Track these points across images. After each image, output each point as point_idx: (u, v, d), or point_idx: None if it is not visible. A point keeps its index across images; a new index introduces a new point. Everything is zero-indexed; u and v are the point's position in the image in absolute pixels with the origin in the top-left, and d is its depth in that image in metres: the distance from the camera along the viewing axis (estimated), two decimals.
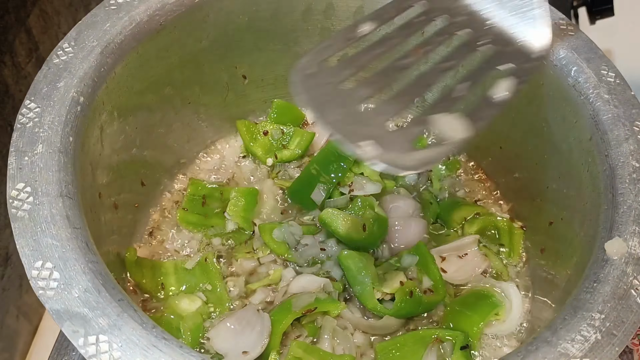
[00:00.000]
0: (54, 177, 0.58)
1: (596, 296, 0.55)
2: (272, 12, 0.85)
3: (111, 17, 0.71)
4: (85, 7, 1.04)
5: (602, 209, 0.63)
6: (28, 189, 0.57)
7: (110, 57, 0.69)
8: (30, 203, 0.56)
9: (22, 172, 0.58)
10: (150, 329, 0.50)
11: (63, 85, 0.64)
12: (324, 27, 0.89)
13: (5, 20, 0.84)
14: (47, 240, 0.54)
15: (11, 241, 0.85)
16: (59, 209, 0.56)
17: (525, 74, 0.60)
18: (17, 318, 0.93)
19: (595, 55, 0.73)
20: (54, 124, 0.62)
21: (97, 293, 0.51)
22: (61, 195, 0.57)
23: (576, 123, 0.71)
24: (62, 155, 0.60)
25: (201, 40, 0.82)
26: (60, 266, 0.52)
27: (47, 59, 0.67)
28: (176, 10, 0.76)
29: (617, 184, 0.63)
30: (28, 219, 0.55)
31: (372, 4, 0.85)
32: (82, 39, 0.69)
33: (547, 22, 0.62)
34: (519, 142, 0.84)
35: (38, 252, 0.53)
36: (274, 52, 0.90)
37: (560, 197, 0.75)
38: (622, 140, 0.66)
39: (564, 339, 0.53)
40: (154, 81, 0.79)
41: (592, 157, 0.67)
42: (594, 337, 0.53)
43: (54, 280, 0.52)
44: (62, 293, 0.51)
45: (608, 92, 0.69)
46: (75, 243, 0.54)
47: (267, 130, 0.93)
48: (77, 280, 0.52)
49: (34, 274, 0.52)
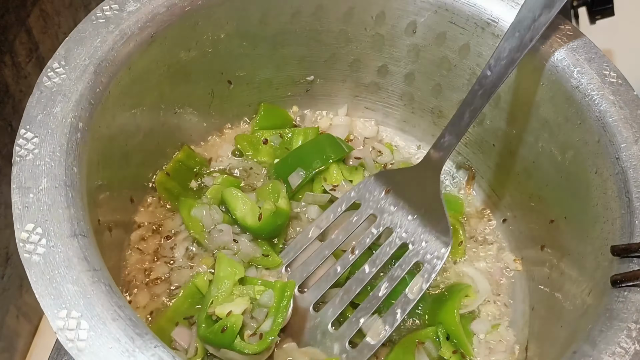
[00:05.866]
0: (64, 215, 0.54)
1: (629, 305, 0.56)
2: (260, 17, 0.82)
3: (100, 31, 0.67)
4: (85, 7, 0.99)
5: (618, 213, 0.64)
6: (39, 230, 0.53)
7: (104, 75, 0.65)
8: (44, 246, 0.52)
9: (29, 212, 0.54)
10: None
11: (59, 111, 0.60)
12: (313, 29, 0.86)
13: (5, 20, 0.81)
14: (68, 286, 0.50)
15: (11, 241, 0.84)
16: (75, 250, 0.52)
17: (431, 274, 0.75)
18: (17, 318, 0.92)
19: (595, 56, 0.73)
20: (56, 154, 0.57)
21: (131, 342, 0.48)
22: (75, 235, 0.53)
23: (581, 124, 0.71)
24: (70, 189, 0.56)
25: (190, 49, 0.78)
26: (87, 315, 0.49)
27: (37, 82, 0.62)
28: (167, 20, 0.72)
29: (631, 187, 0.64)
30: (44, 264, 0.51)
31: (362, 5, 0.83)
32: (73, 57, 0.64)
33: (447, 220, 0.76)
34: (513, 141, 0.84)
35: (60, 300, 0.49)
36: (261, 56, 0.87)
37: (562, 197, 0.76)
38: (631, 143, 0.66)
39: (605, 353, 0.53)
40: (143, 95, 0.75)
41: (602, 160, 0.68)
42: (633, 348, 0.53)
43: (83, 329, 0.48)
44: (94, 344, 0.48)
45: (612, 93, 0.70)
46: (98, 287, 0.51)
47: (267, 139, 0.91)
48: (109, 330, 0.48)
49: (59, 325, 0.48)
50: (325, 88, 0.96)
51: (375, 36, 0.87)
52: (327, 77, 0.94)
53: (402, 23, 0.84)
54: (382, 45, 0.88)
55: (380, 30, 0.86)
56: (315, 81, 0.95)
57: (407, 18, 0.83)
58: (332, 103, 0.98)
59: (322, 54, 0.90)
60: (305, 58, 0.90)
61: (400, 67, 0.90)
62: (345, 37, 0.88)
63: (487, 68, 0.72)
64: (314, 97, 0.97)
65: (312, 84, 0.95)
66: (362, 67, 0.92)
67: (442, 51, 0.85)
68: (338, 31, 0.87)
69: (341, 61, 0.92)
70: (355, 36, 0.88)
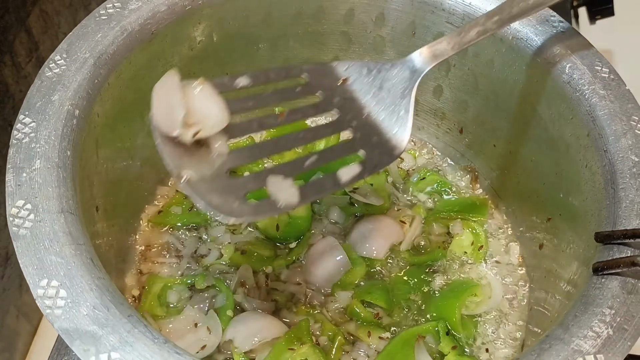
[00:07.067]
0: (53, 193, 0.57)
1: (605, 292, 0.56)
2: (262, 18, 0.84)
3: (102, 27, 0.70)
4: (85, 7, 1.03)
5: (603, 204, 0.64)
6: (28, 206, 0.55)
7: (104, 68, 0.68)
8: (32, 220, 0.55)
9: (21, 189, 0.57)
10: (162, 344, 0.49)
11: (57, 99, 0.63)
12: (314, 30, 0.88)
13: (5, 20, 0.84)
14: (50, 258, 0.53)
15: (11, 241, 0.83)
16: (61, 225, 0.55)
17: (372, 168, 0.63)
18: (17, 318, 0.93)
19: (588, 52, 0.73)
20: (51, 138, 0.60)
21: (105, 310, 0.50)
22: (62, 212, 0.56)
23: (572, 119, 0.71)
24: (61, 170, 0.59)
25: (192, 48, 0.81)
26: (66, 284, 0.51)
27: (39, 72, 0.65)
28: (167, 18, 0.75)
29: (617, 178, 0.63)
30: (30, 236, 0.54)
31: (362, 7, 0.85)
32: (74, 51, 0.68)
33: (407, 127, 0.65)
34: (513, 139, 0.84)
35: (42, 270, 0.52)
36: (264, 57, 0.90)
37: (558, 194, 0.76)
38: (620, 135, 0.66)
39: (577, 336, 0.53)
40: (146, 91, 0.77)
41: (591, 153, 0.68)
42: (606, 332, 0.53)
43: (61, 298, 0.51)
44: (70, 311, 0.50)
45: (603, 88, 0.70)
46: (80, 260, 0.53)
47: None
48: (85, 298, 0.51)
49: (39, 293, 0.51)
50: None
51: (376, 38, 0.89)
52: None
53: (401, 24, 0.86)
54: (383, 47, 0.90)
55: (381, 32, 0.88)
56: None
57: (406, 19, 0.85)
58: None
59: (325, 55, 0.92)
60: (308, 60, 0.92)
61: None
62: (347, 39, 0.90)
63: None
64: None
65: None
66: None
67: None
68: (339, 33, 0.89)
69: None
70: (357, 38, 0.89)
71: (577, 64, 0.72)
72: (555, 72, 0.73)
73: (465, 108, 0.89)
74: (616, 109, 0.68)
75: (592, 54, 0.73)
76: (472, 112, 0.89)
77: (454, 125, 0.93)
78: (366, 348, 0.77)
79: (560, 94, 0.72)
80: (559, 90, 0.73)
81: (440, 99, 0.92)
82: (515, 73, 0.78)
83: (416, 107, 0.94)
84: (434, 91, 0.91)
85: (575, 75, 0.71)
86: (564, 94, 0.72)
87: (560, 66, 0.73)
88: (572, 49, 0.73)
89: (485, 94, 0.85)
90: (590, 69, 0.71)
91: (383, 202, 0.87)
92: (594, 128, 0.68)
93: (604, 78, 0.71)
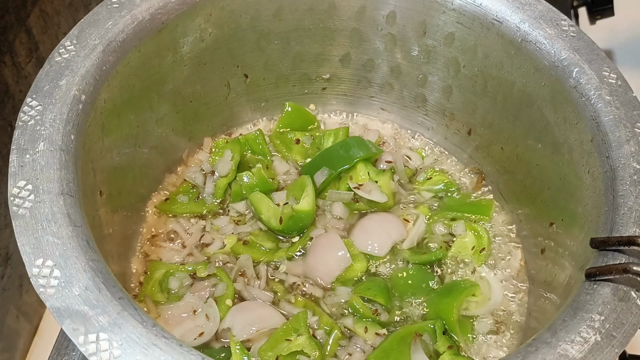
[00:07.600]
0: (55, 175, 0.58)
1: (596, 297, 0.55)
2: (274, 12, 0.85)
3: (113, 15, 0.71)
4: (86, 7, 1.04)
5: (602, 211, 0.63)
6: (29, 186, 0.57)
7: (112, 55, 0.69)
8: (32, 201, 0.56)
9: (23, 170, 0.58)
10: (150, 327, 0.50)
11: (65, 83, 0.65)
12: (326, 26, 0.89)
13: (5, 20, 0.84)
14: (47, 238, 0.54)
15: (11, 241, 0.85)
16: (60, 207, 0.56)
17: None
18: (17, 318, 0.93)
19: (596, 57, 0.73)
20: (56, 122, 0.62)
21: (97, 291, 0.51)
22: (62, 194, 0.57)
23: (577, 124, 0.71)
24: (64, 153, 0.60)
25: (203, 39, 0.82)
26: (60, 264, 0.52)
27: (49, 57, 0.67)
28: (178, 8, 0.76)
29: (617, 185, 0.63)
30: (29, 216, 0.55)
31: (374, 4, 0.86)
32: (84, 37, 0.69)
33: None
34: (520, 142, 0.84)
35: (39, 249, 0.53)
36: (276, 51, 0.90)
37: (560, 199, 0.75)
38: (623, 142, 0.66)
39: (564, 340, 0.53)
40: (155, 80, 0.79)
41: (593, 159, 0.67)
42: (594, 338, 0.53)
43: (55, 278, 0.52)
44: (63, 291, 0.51)
45: (609, 94, 0.69)
46: (76, 241, 0.54)
47: (299, 139, 0.94)
48: (78, 278, 0.52)
49: (34, 272, 0.52)
50: (341, 87, 0.98)
51: (387, 36, 0.89)
52: (342, 76, 0.97)
53: (412, 23, 0.86)
54: (394, 46, 0.90)
55: (392, 30, 0.88)
56: (332, 79, 0.97)
57: (417, 18, 0.85)
58: (348, 103, 1.00)
59: (337, 52, 0.93)
60: (320, 56, 0.93)
61: (413, 69, 0.92)
62: (358, 37, 0.90)
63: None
64: (330, 96, 1.00)
65: (328, 82, 0.97)
66: (376, 67, 0.94)
67: (451, 52, 0.86)
68: (351, 29, 0.89)
69: (355, 61, 0.94)
70: (368, 35, 0.90)
71: (585, 68, 0.72)
72: (563, 76, 0.72)
73: (474, 109, 0.89)
74: (621, 116, 0.68)
75: (600, 59, 0.72)
76: (481, 114, 0.89)
77: (463, 126, 0.93)
78: (362, 343, 0.77)
79: (567, 98, 0.72)
80: (565, 95, 0.72)
81: (449, 99, 0.92)
82: (523, 75, 0.78)
83: (426, 106, 0.95)
84: (443, 91, 0.91)
85: (582, 80, 0.71)
86: (570, 98, 0.71)
87: (568, 70, 0.72)
88: (581, 54, 0.73)
89: (493, 96, 0.85)
90: (598, 74, 0.71)
91: (387, 199, 0.87)
92: (598, 134, 0.68)
93: (611, 84, 0.70)
